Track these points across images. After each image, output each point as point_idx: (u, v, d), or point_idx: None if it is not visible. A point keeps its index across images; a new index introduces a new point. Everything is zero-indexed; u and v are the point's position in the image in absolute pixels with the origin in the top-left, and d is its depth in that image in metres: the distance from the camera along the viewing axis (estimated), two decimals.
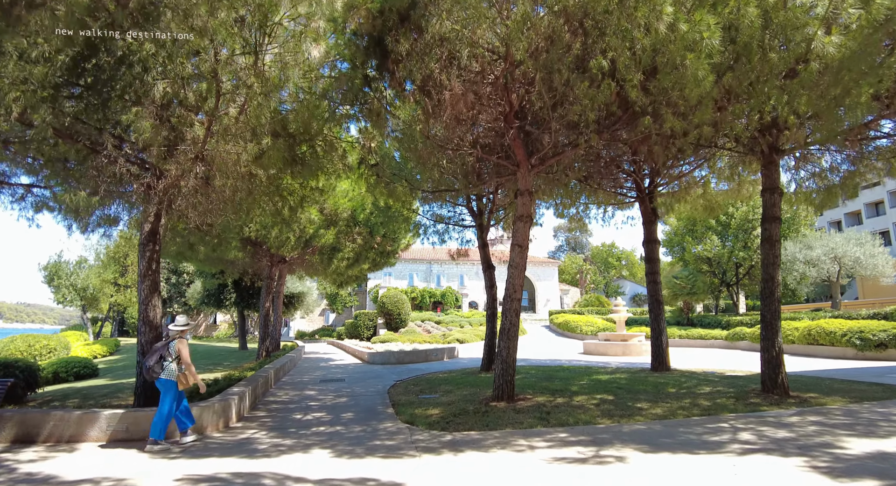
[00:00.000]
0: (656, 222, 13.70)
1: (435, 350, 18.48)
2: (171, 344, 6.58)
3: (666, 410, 7.58)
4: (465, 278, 52.40)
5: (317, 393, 10.79)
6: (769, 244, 9.31)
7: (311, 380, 13.15)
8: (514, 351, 8.65)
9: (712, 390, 9.38)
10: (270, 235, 15.57)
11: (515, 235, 8.93)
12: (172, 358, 6.47)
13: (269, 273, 19.14)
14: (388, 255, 19.32)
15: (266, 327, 19.13)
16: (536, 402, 8.42)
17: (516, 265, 8.85)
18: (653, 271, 13.39)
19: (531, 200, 8.88)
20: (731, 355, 19.02)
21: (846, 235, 25.13)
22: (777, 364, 8.77)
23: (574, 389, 9.89)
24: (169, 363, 6.44)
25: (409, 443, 6.04)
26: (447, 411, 8.00)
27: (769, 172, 9.57)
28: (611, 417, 7.21)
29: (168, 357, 6.47)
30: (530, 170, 8.93)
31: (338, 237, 16.46)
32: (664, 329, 13.01)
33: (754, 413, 7.22)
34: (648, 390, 9.51)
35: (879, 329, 15.75)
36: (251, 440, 6.48)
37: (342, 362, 18.97)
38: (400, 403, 9.09)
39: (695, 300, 28.26)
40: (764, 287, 9.21)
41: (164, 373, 6.38)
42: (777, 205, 9.46)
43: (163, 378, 6.36)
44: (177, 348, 6.53)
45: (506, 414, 7.53)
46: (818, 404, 7.82)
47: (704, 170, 14.50)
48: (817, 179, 12.34)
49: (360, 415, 8.15)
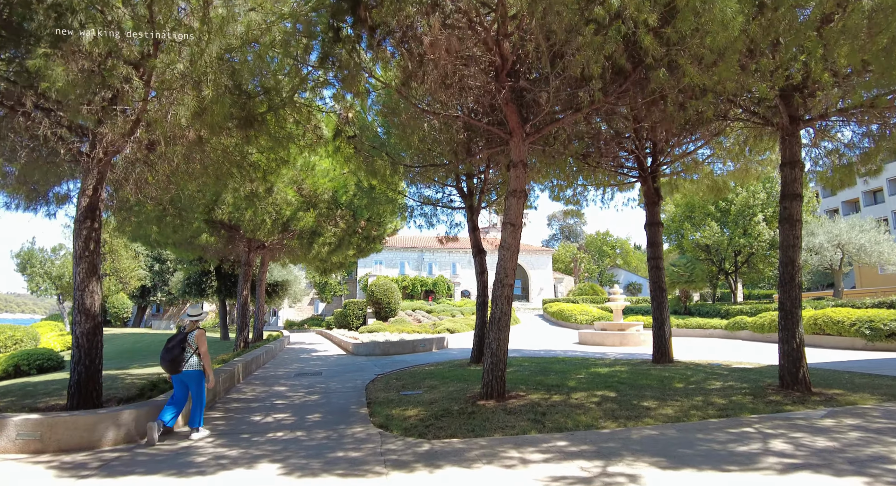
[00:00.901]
0: (659, 204, 12.71)
1: (423, 341, 17.51)
2: (191, 336, 6.44)
3: (677, 410, 6.64)
4: (457, 266, 51.43)
5: (287, 389, 9.78)
6: (789, 224, 8.34)
7: (286, 374, 12.14)
8: (504, 343, 7.67)
9: (724, 386, 8.45)
10: (244, 217, 14.45)
11: (507, 212, 7.90)
12: (193, 349, 6.38)
13: (247, 259, 18.03)
14: (374, 240, 18.25)
15: (244, 316, 18.07)
16: (530, 400, 7.45)
17: (508, 246, 7.83)
18: (655, 256, 12.42)
19: (525, 173, 7.84)
20: (733, 345, 18.19)
21: (850, 221, 24.28)
22: (798, 357, 7.84)
23: (571, 384, 8.94)
24: (191, 355, 6.35)
25: (377, 455, 5.04)
26: (429, 411, 7.01)
27: (790, 145, 8.58)
28: (615, 419, 6.25)
29: (189, 349, 6.36)
30: (524, 139, 7.88)
31: (318, 221, 15.35)
32: (667, 318, 12.08)
33: (780, 414, 6.29)
34: (654, 386, 8.57)
35: (891, 318, 14.91)
36: (191, 450, 5.46)
37: (325, 354, 17.97)
38: (377, 401, 8.10)
39: (692, 289, 27.47)
40: (783, 272, 8.26)
41: (186, 365, 6.29)
42: (798, 180, 8.49)
43: (189, 371, 6.29)
44: (196, 338, 6.42)
45: (495, 415, 6.55)
46: (847, 402, 6.90)
47: (710, 149, 13.54)
48: (834, 157, 11.43)
49: (328, 417, 7.15)
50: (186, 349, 6.33)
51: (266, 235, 15.01)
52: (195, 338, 6.42)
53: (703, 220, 28.45)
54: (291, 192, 14.37)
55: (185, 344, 6.35)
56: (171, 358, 6.20)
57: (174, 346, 6.29)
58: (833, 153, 11.34)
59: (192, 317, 6.63)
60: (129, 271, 33.85)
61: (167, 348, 6.28)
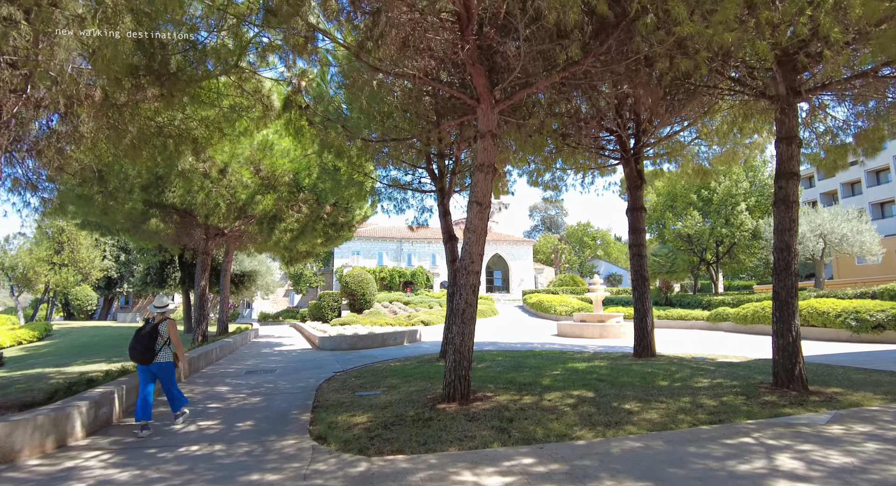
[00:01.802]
0: (642, 188, 11.87)
1: (394, 334, 16.53)
2: (162, 326, 6.39)
3: (663, 414, 5.80)
4: (436, 257, 50.48)
5: (229, 390, 8.75)
6: (785, 206, 7.55)
7: (237, 371, 11.08)
8: (469, 338, 6.75)
9: (713, 384, 7.66)
10: (196, 200, 13.28)
11: (474, 189, 6.95)
12: (165, 340, 6.33)
13: (205, 248, 16.83)
14: (342, 228, 17.17)
15: (202, 308, 16.89)
16: (497, 403, 6.55)
17: (475, 229, 6.88)
18: (638, 243, 11.60)
19: (494, 144, 6.88)
20: (716, 337, 17.58)
21: (833, 210, 23.87)
22: (794, 352, 7.07)
23: (545, 382, 8.08)
24: (161, 346, 6.31)
25: (298, 479, 4.08)
26: (379, 418, 6.07)
27: (786, 119, 7.77)
28: (593, 426, 5.37)
29: (160, 340, 6.32)
30: (494, 106, 6.92)
31: (279, 205, 14.23)
32: (650, 310, 11.28)
33: (779, 419, 5.48)
34: (636, 384, 7.75)
35: (877, 309, 14.38)
36: (73, 473, 4.43)
37: (290, 348, 16.90)
38: (325, 405, 7.14)
39: (673, 279, 26.94)
40: (778, 258, 7.47)
41: (160, 356, 6.27)
42: (795, 158, 7.70)
43: (160, 362, 6.28)
44: (167, 329, 6.39)
45: (454, 423, 5.63)
46: (850, 404, 6.13)
47: (696, 132, 12.77)
48: (826, 138, 10.73)
49: (262, 425, 6.17)
50: (157, 340, 6.30)
51: (221, 221, 13.84)
52: (166, 329, 6.39)
53: (684, 209, 27.87)
54: (247, 173, 13.23)
55: (156, 335, 6.30)
56: (142, 349, 6.16)
57: (144, 337, 6.22)
58: (826, 134, 10.67)
59: (158, 308, 6.57)
60: (88, 261, 32.18)
61: (137, 339, 6.21)
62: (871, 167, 43.74)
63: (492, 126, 6.86)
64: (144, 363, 6.19)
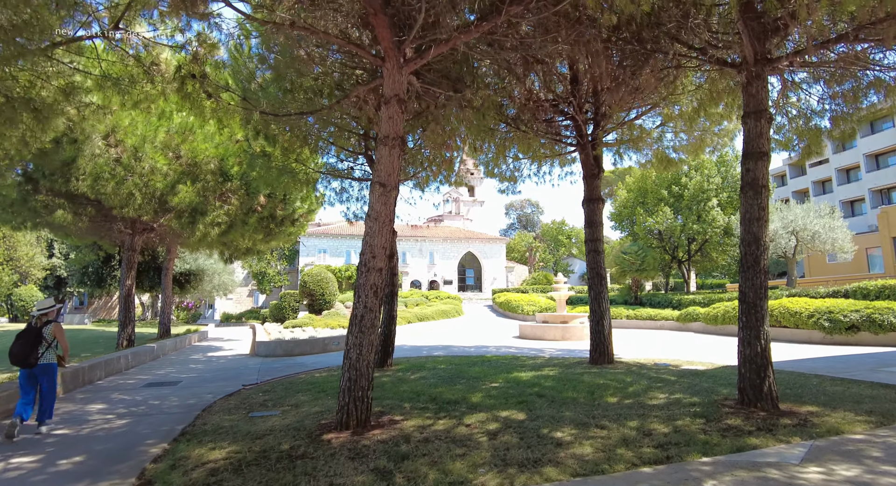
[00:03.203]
0: (599, 176, 10.71)
1: (338, 338, 15.13)
2: (46, 330, 6.24)
3: (599, 446, 4.58)
4: (407, 255, 49.15)
5: (103, 409, 7.32)
6: (753, 191, 6.45)
7: (135, 384, 9.60)
8: (368, 351, 5.46)
9: (669, 400, 6.51)
10: (106, 189, 11.75)
11: (378, 168, 5.65)
12: (49, 343, 6.22)
13: (131, 243, 15.23)
14: (284, 222, 15.72)
15: (127, 310, 15.31)
16: (401, 430, 5.28)
17: (377, 216, 5.59)
18: (594, 238, 10.46)
19: (402, 112, 5.59)
20: (685, 338, 16.60)
21: (806, 206, 23.15)
22: (763, 365, 5.96)
23: (476, 398, 6.83)
24: (45, 349, 6.18)
25: None
26: (244, 452, 4.76)
27: (755, 91, 6.69)
28: (504, 466, 4.14)
29: (44, 343, 6.18)
30: (402, 65, 5.63)
31: (203, 196, 12.74)
32: (607, 311, 10.12)
33: (742, 454, 4.30)
34: (580, 400, 6.56)
35: (851, 309, 13.50)
36: None
37: (223, 354, 15.39)
38: (197, 431, 5.78)
39: (644, 277, 26.05)
40: (745, 253, 6.35)
41: (44, 358, 6.16)
42: (765, 135, 6.60)
43: (43, 364, 6.16)
44: (52, 332, 6.29)
45: (329, 463, 4.35)
46: (829, 429, 5.00)
47: (660, 118, 11.71)
48: (799, 121, 9.76)
49: (90, 461, 4.80)
50: (42, 344, 6.14)
51: (136, 211, 12.29)
52: (51, 332, 6.26)
53: (655, 205, 26.97)
54: (162, 159, 11.73)
55: (40, 339, 6.14)
56: (23, 354, 6.01)
57: (26, 342, 6.06)
58: (800, 117, 9.68)
59: (41, 310, 6.36)
60: (27, 259, 29.99)
61: (18, 344, 6.06)
62: (842, 165, 43.72)
63: (399, 90, 5.57)
64: (26, 367, 6.07)
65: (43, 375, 6.19)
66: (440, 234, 50.98)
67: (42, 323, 6.31)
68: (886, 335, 12.53)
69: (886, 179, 39.43)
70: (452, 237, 50.89)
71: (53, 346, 6.28)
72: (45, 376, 6.22)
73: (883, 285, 15.21)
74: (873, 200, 40.42)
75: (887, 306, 13.07)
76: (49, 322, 6.36)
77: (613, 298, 25.89)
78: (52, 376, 6.30)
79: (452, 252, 50.64)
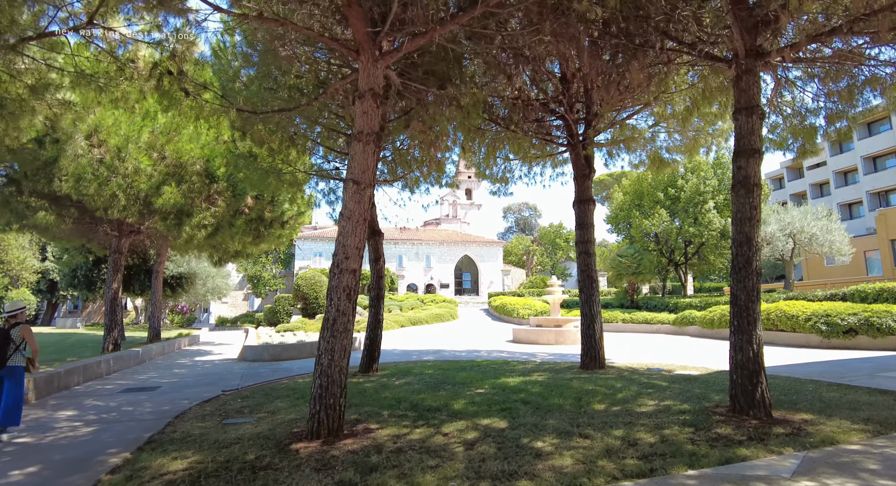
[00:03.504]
0: (591, 177, 10.48)
1: None
2: (14, 332, 6.17)
3: (581, 457, 4.34)
4: (403, 258, 48.88)
5: (72, 415, 7.05)
6: (745, 189, 6.22)
7: (112, 390, 9.33)
8: (341, 356, 5.21)
9: (658, 407, 6.26)
10: (89, 190, 11.51)
11: (351, 165, 5.42)
12: (17, 345, 6.15)
13: (118, 246, 14.99)
14: (273, 224, 15.49)
15: (113, 313, 15.04)
16: (374, 439, 5.02)
17: (350, 215, 5.35)
18: (585, 240, 10.23)
19: (378, 107, 5.37)
20: (680, 342, 16.35)
21: (803, 209, 22.94)
22: (755, 371, 5.71)
23: (458, 405, 6.58)
24: (13, 351, 6.12)
25: None
26: (207, 462, 4.51)
27: (746, 86, 6.46)
28: (477, 480, 3.89)
29: (12, 346, 6.11)
30: (378, 59, 5.41)
31: (189, 197, 12.49)
32: (598, 314, 9.88)
33: (730, 469, 4.05)
34: (566, 407, 6.31)
35: (848, 312, 13.26)
36: None
37: (210, 359, 15.11)
38: (165, 439, 5.54)
39: (641, 281, 25.76)
40: (737, 254, 6.12)
41: (11, 361, 6.09)
42: (757, 132, 6.37)
43: (11, 366, 6.09)
44: (20, 335, 6.20)
45: (296, 474, 4.10)
46: (824, 439, 4.75)
47: (650, 118, 11.52)
48: (794, 120, 9.59)
49: (45, 472, 4.55)
50: (10, 347, 6.09)
51: (121, 213, 12.05)
52: (20, 334, 6.18)
53: (652, 208, 26.75)
54: (146, 159, 11.49)
55: (8, 341, 6.09)
56: None
57: None
58: (794, 116, 9.50)
59: (8, 313, 6.35)
60: (18, 262, 29.74)
61: None
62: (840, 168, 43.58)
63: (374, 83, 5.35)
64: None
65: (10, 377, 6.08)
66: (437, 237, 50.74)
67: (10, 325, 6.26)
68: (885, 339, 12.29)
69: (884, 182, 39.26)
70: (449, 241, 50.64)
71: (21, 348, 6.21)
72: (12, 378, 6.10)
73: (881, 288, 14.97)
74: (871, 203, 40.24)
75: (885, 309, 12.82)
76: (17, 324, 6.28)
77: (610, 301, 25.63)
78: (18, 379, 6.17)
79: (449, 256, 50.39)
